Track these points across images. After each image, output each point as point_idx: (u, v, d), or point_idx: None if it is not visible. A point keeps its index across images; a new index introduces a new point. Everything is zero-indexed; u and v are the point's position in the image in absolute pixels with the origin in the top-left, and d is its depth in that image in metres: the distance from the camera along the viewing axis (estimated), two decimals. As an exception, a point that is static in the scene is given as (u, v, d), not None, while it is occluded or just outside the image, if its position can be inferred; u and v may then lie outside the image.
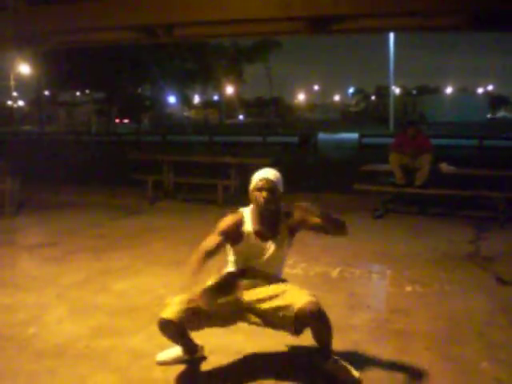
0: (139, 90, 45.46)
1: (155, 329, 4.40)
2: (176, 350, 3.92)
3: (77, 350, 4.18)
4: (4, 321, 4.78)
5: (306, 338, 3.77)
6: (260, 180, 3.71)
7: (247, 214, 3.80)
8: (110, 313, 4.95)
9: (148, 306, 5.06)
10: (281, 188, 3.76)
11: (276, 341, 4.16)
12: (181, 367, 3.85)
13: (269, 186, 3.68)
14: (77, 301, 5.28)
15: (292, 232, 3.81)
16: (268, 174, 3.74)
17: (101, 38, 12.98)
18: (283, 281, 3.83)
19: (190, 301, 3.54)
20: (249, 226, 3.76)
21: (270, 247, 3.73)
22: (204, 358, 3.97)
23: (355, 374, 3.63)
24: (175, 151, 16.72)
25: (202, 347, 4.00)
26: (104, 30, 12.01)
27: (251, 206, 3.80)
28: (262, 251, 3.72)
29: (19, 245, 7.72)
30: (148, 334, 4.43)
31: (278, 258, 3.80)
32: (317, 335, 3.59)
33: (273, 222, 3.76)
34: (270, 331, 4.03)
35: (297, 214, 3.75)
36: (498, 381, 3.68)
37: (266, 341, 4.19)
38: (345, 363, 3.67)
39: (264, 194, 3.67)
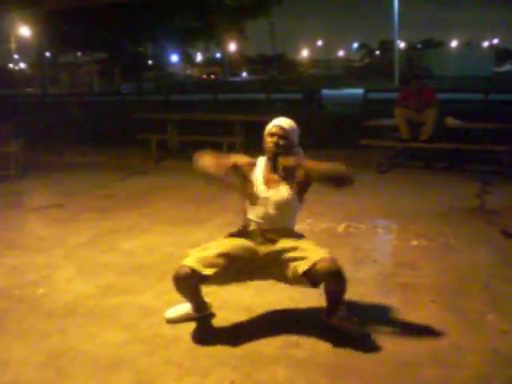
0: (141, 49, 45.00)
1: (164, 286, 4.47)
2: (185, 308, 3.95)
3: (86, 309, 4.23)
4: (14, 282, 4.84)
5: (312, 293, 3.81)
6: (273, 126, 3.77)
7: (261, 161, 3.86)
8: (118, 271, 4.99)
9: (156, 264, 5.11)
10: (294, 139, 3.79)
11: (283, 296, 4.20)
12: (190, 323, 3.90)
13: (280, 133, 3.72)
14: (85, 260, 5.33)
15: (302, 183, 3.74)
16: (282, 121, 3.79)
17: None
18: (299, 235, 3.82)
19: (207, 251, 3.63)
20: (259, 172, 3.80)
21: (278, 193, 3.71)
22: (212, 315, 4.01)
23: (361, 327, 3.66)
24: (179, 110, 16.63)
25: (210, 304, 4.03)
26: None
27: (265, 156, 3.85)
28: (270, 197, 3.71)
29: (26, 207, 7.75)
30: (156, 291, 4.48)
31: (287, 208, 3.75)
32: (329, 291, 3.59)
33: (283, 171, 3.72)
34: (277, 287, 4.07)
35: (303, 164, 3.69)
36: (503, 332, 3.72)
37: (273, 296, 4.23)
38: (350, 317, 3.70)
39: (274, 139, 3.70)
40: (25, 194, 8.66)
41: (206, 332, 3.82)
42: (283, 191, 3.71)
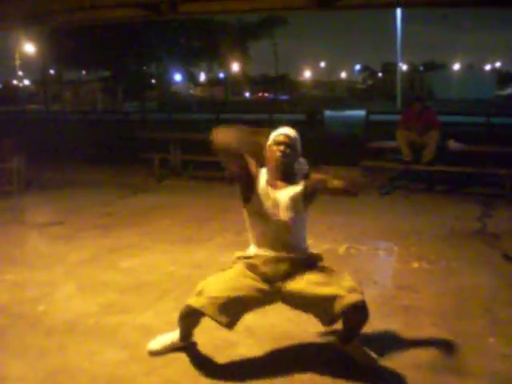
0: (144, 68, 45.30)
1: (164, 306, 4.47)
2: (169, 337, 3.81)
3: (86, 327, 4.22)
4: (14, 298, 4.83)
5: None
6: (279, 135, 3.60)
7: (263, 172, 3.64)
8: (119, 290, 4.98)
9: (156, 283, 5.10)
10: (299, 149, 3.65)
11: (285, 317, 4.17)
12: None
13: (287, 141, 3.56)
14: (85, 278, 5.32)
15: (309, 193, 3.55)
16: (288, 130, 3.64)
17: (104, 15, 12.89)
18: (315, 258, 3.63)
19: (223, 292, 3.44)
20: (263, 179, 3.59)
21: (287, 195, 3.51)
22: (195, 344, 3.87)
23: (374, 357, 3.57)
24: (182, 129, 16.69)
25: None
26: (107, 8, 11.95)
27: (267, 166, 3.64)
28: (276, 206, 3.50)
29: (27, 223, 7.75)
30: (157, 310, 4.47)
31: (299, 213, 3.55)
32: (349, 325, 3.51)
33: (288, 180, 3.58)
34: (280, 308, 4.04)
35: (314, 175, 3.57)
36: (505, 356, 3.70)
37: (276, 317, 4.20)
38: (364, 347, 3.62)
39: (281, 147, 3.54)
40: (26, 210, 8.66)
41: (205, 352, 3.80)
42: (290, 193, 3.53)
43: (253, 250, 3.63)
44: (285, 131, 3.63)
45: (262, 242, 3.58)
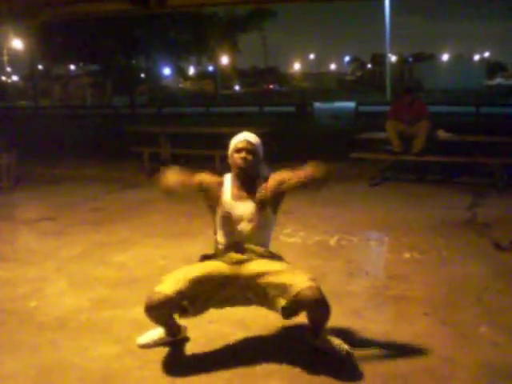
0: (133, 62, 45.05)
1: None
2: (157, 332, 3.80)
3: (78, 322, 4.21)
4: (5, 295, 4.81)
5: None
6: (240, 142, 3.62)
7: (227, 179, 3.70)
8: (110, 285, 4.97)
9: (147, 278, 5.07)
10: (261, 154, 3.66)
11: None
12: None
13: (249, 148, 3.58)
14: (77, 273, 5.30)
15: (275, 196, 3.60)
16: (248, 136, 3.65)
17: (92, 9, 12.79)
18: (277, 256, 3.66)
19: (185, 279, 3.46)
20: (227, 190, 3.64)
21: (249, 209, 3.56)
22: (187, 339, 3.88)
23: (346, 348, 3.52)
24: (171, 122, 16.63)
25: (185, 327, 3.89)
26: (96, 2, 11.87)
27: (231, 172, 3.70)
28: (242, 214, 3.56)
29: (18, 219, 7.72)
30: (148, 304, 4.45)
31: (261, 223, 3.61)
32: (312, 319, 3.49)
33: (252, 186, 3.61)
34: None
35: (274, 176, 3.59)
36: (496, 344, 3.72)
37: (267, 312, 4.20)
38: (335, 338, 3.59)
39: (242, 154, 3.56)
40: (17, 206, 8.63)
41: (199, 345, 3.80)
42: (252, 206, 3.57)
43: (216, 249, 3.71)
44: (245, 137, 3.64)
45: (226, 243, 3.64)
